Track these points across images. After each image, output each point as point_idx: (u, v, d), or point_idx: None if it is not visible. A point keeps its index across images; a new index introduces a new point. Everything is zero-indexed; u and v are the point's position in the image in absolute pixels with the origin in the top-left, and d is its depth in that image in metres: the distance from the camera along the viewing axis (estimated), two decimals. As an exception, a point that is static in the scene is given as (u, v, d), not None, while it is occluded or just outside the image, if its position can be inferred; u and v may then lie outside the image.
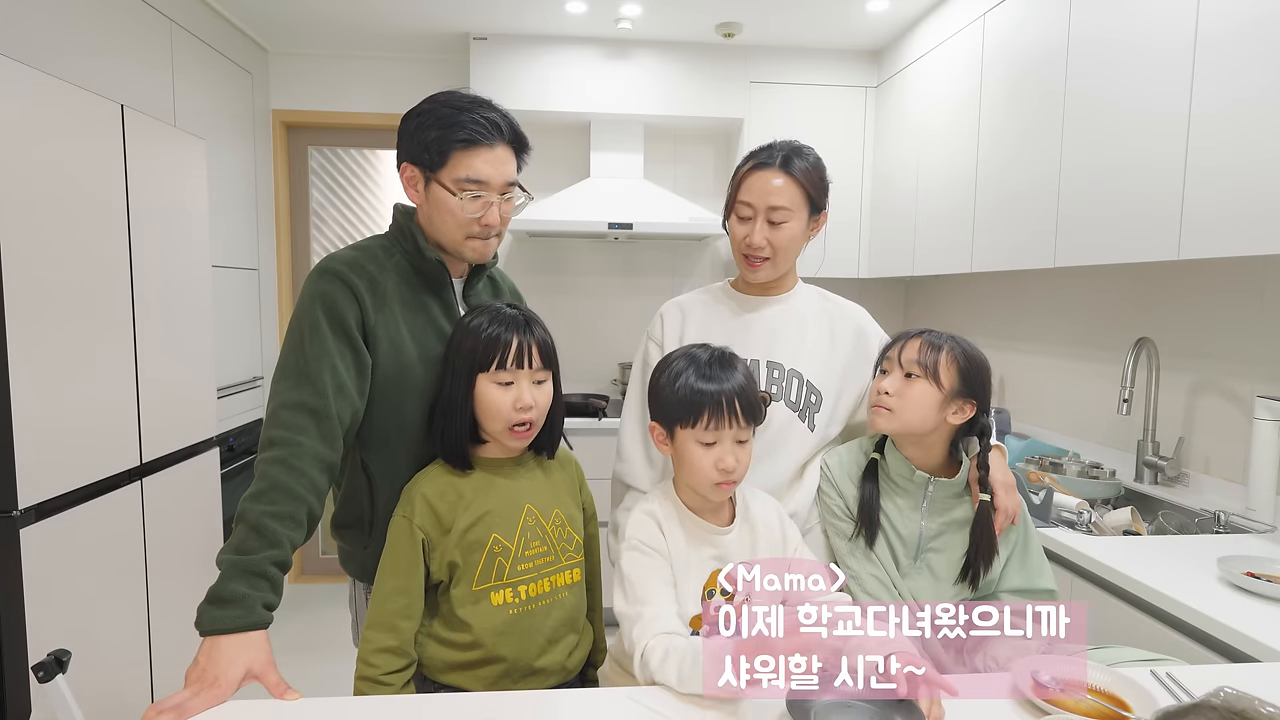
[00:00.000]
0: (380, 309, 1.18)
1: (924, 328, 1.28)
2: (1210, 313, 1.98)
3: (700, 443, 1.11)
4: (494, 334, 1.14)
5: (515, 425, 1.15)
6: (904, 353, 1.24)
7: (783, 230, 1.31)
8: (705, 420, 1.09)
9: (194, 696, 0.93)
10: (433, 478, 1.17)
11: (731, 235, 1.36)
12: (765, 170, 1.31)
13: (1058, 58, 2.06)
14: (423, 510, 1.13)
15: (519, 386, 1.14)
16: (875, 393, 1.26)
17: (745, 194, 1.32)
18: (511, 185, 1.21)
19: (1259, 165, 1.47)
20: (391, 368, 1.18)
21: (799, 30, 3.05)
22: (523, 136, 1.23)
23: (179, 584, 2.17)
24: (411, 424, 1.21)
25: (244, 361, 3.06)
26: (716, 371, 1.12)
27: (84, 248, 1.80)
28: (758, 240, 1.31)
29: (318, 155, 3.53)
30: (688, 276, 3.60)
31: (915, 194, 2.89)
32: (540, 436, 1.22)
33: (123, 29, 2.30)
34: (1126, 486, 2.08)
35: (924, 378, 1.21)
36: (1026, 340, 2.73)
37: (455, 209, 1.17)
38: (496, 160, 1.18)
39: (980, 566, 1.22)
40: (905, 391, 1.22)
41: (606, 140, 3.31)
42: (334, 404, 1.10)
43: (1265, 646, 1.14)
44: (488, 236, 1.22)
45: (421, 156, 1.18)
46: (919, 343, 1.23)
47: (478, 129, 1.15)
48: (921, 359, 1.22)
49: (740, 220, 1.33)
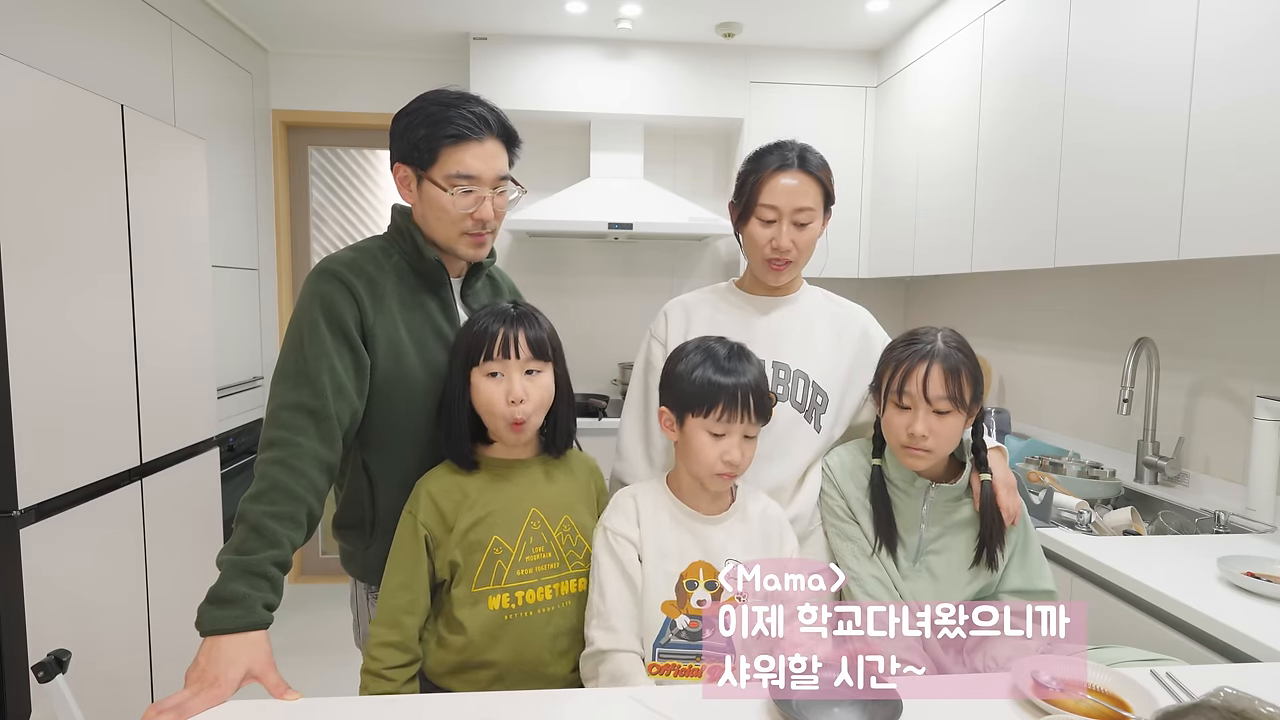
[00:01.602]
0: (379, 309, 1.18)
1: (923, 343, 1.20)
2: (1210, 313, 1.98)
3: (710, 433, 1.12)
4: (482, 327, 1.14)
5: (514, 421, 1.13)
6: (929, 389, 1.16)
7: (807, 231, 1.31)
8: (719, 411, 1.11)
9: (194, 696, 0.93)
10: (439, 476, 1.17)
11: (752, 239, 1.33)
12: (785, 172, 1.29)
13: (1058, 58, 2.06)
14: (427, 507, 1.14)
15: (509, 378, 1.12)
16: (906, 434, 1.19)
17: (769, 197, 1.30)
18: (503, 179, 1.21)
19: (1259, 165, 1.47)
20: (390, 368, 1.19)
21: (799, 30, 3.05)
22: (512, 130, 1.22)
23: (179, 584, 2.17)
24: (411, 424, 1.21)
25: (244, 361, 3.06)
26: (735, 364, 1.14)
27: (84, 247, 1.80)
28: (785, 243, 1.30)
29: (318, 155, 3.53)
30: (688, 276, 3.60)
31: (915, 194, 2.89)
32: (546, 435, 1.21)
33: (123, 29, 2.30)
34: (1126, 486, 2.08)
35: (954, 411, 1.17)
36: (1026, 340, 2.73)
37: (448, 205, 1.17)
38: (486, 154, 1.18)
39: (995, 546, 1.20)
40: (939, 430, 1.17)
41: (606, 140, 3.31)
42: (333, 404, 1.10)
43: (1265, 646, 1.14)
44: (482, 232, 1.21)
45: (412, 155, 1.18)
46: (941, 374, 1.16)
47: (465, 124, 1.15)
48: (950, 394, 1.16)
49: (764, 224, 1.31)
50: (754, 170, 1.33)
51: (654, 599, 1.12)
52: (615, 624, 1.10)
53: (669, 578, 1.13)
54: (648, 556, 1.13)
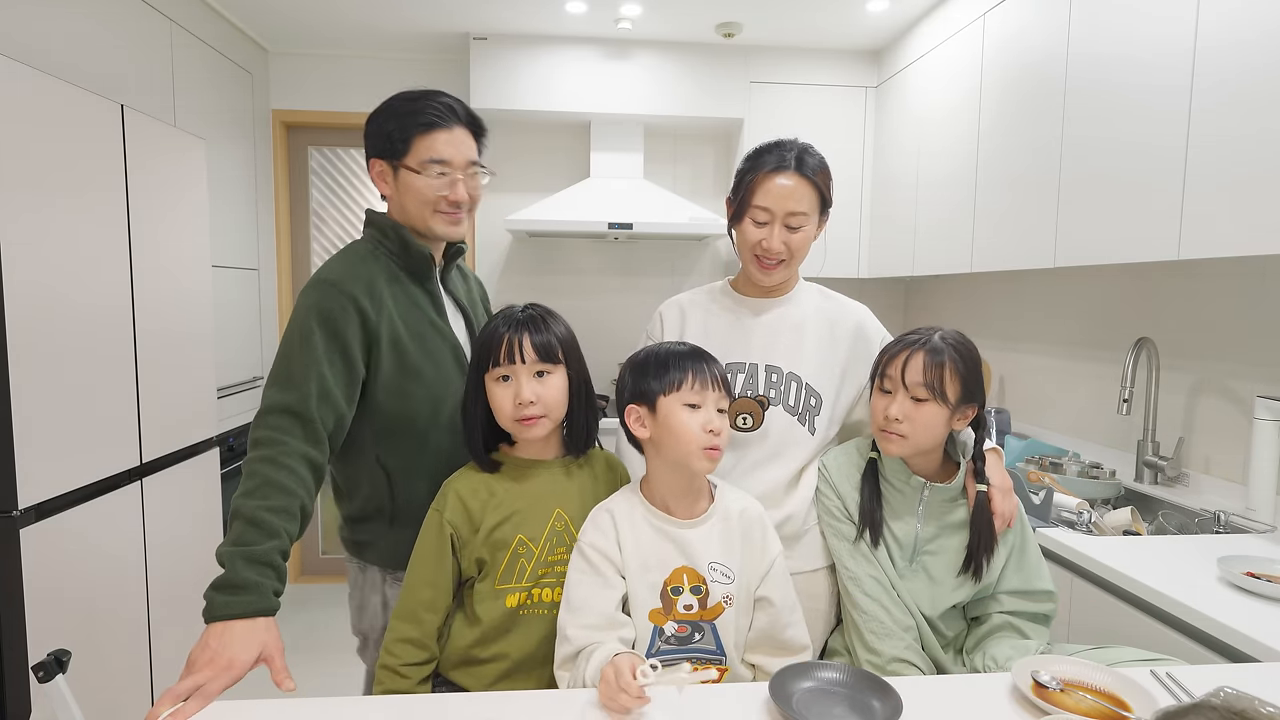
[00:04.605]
0: (380, 312, 1.22)
1: (918, 335, 1.23)
2: (1210, 313, 1.98)
3: (686, 404, 1.11)
4: (490, 332, 1.18)
5: (521, 418, 1.16)
6: (908, 374, 1.19)
7: (800, 234, 1.30)
8: (690, 380, 1.11)
9: (212, 680, 0.94)
10: (467, 475, 1.20)
11: (743, 238, 1.33)
12: (781, 174, 1.28)
13: (1058, 57, 2.06)
14: (454, 505, 1.16)
15: (517, 381, 1.15)
16: (882, 417, 1.21)
17: (762, 199, 1.29)
18: (473, 164, 1.30)
19: (1259, 164, 1.47)
20: (397, 365, 1.23)
21: (799, 30, 3.05)
22: (477, 120, 1.32)
23: (179, 584, 2.17)
24: (418, 415, 1.25)
25: (244, 361, 3.06)
26: (690, 349, 1.16)
27: (84, 247, 1.80)
28: (776, 246, 1.29)
29: (318, 155, 3.53)
30: (688, 276, 3.60)
31: (915, 194, 2.89)
32: (566, 435, 1.24)
33: (123, 29, 2.30)
34: (1126, 486, 2.08)
35: (932, 400, 1.18)
36: (1026, 340, 2.73)
37: (423, 187, 1.25)
38: (455, 140, 1.27)
39: (983, 558, 1.21)
40: (915, 416, 1.19)
41: (606, 140, 3.31)
42: (317, 409, 1.13)
43: (1265, 646, 1.14)
44: (456, 211, 1.28)
45: (386, 149, 1.27)
46: (921, 361, 1.18)
47: (434, 113, 1.25)
48: (927, 381, 1.18)
49: (756, 225, 1.31)
50: (751, 169, 1.32)
51: (640, 610, 1.11)
52: (591, 620, 1.06)
53: (653, 588, 1.11)
54: (631, 571, 1.11)
